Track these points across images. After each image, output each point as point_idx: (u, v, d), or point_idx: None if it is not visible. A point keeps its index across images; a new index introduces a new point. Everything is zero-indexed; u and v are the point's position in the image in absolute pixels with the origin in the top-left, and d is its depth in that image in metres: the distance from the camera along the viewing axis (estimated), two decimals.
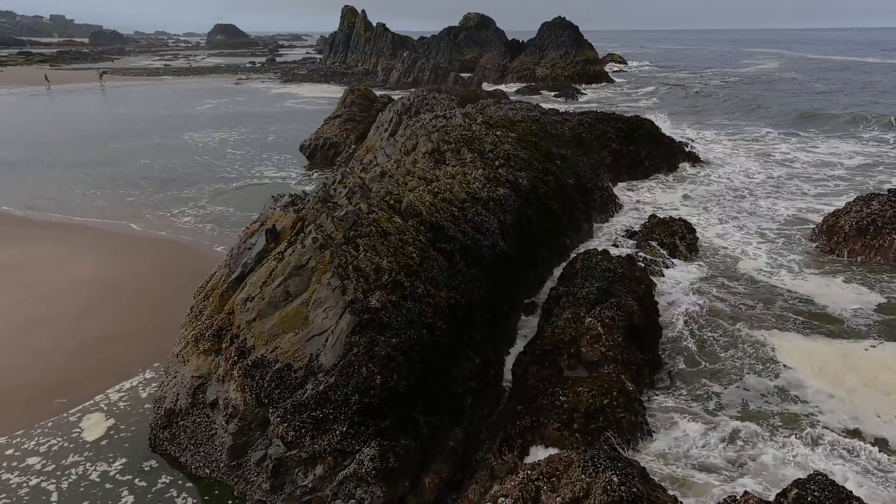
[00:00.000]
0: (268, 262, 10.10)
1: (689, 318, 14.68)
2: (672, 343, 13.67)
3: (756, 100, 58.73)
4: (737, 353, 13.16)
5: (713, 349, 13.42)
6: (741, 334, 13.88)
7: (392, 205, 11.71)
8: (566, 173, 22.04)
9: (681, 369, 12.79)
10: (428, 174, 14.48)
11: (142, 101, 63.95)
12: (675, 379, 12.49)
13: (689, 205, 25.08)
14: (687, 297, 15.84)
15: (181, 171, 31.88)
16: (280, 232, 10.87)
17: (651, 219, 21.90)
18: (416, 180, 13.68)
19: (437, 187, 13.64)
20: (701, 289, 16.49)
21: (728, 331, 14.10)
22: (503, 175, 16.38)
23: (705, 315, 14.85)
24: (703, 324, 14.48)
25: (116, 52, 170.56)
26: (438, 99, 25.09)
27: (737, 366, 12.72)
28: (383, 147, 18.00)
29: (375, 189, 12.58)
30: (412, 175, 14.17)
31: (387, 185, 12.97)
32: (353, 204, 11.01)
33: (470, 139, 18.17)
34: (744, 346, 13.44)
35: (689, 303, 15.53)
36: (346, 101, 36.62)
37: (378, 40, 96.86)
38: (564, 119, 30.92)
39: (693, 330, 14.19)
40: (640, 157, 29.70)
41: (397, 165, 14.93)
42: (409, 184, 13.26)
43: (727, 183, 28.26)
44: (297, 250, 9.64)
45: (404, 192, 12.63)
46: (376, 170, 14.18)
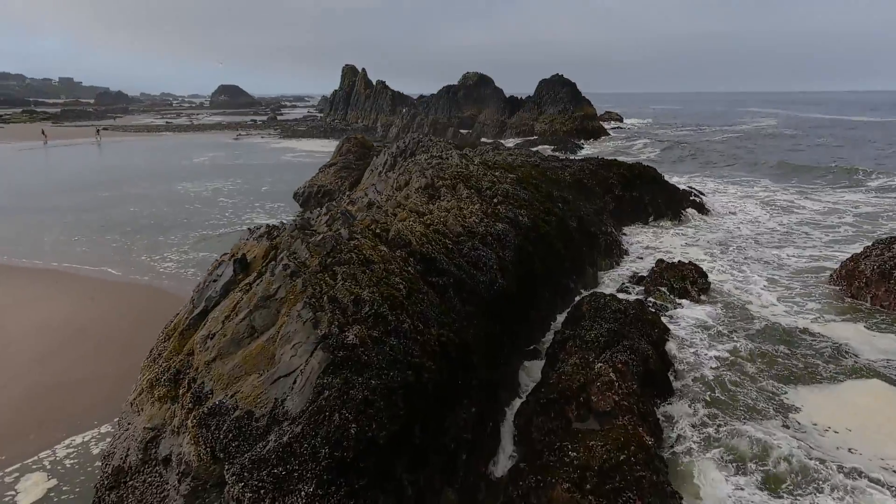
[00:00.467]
0: (233, 295, 8.82)
1: (708, 365, 13.28)
2: (691, 392, 12.23)
3: (756, 153, 58.59)
4: (765, 405, 11.71)
5: (738, 399, 11.98)
6: (767, 384, 12.47)
7: (378, 233, 10.52)
8: (568, 216, 20.98)
9: (703, 422, 11.32)
10: (420, 208, 13.36)
11: (138, 154, 63.70)
12: (697, 434, 11.01)
13: (697, 251, 23.92)
14: (704, 342, 14.46)
15: (170, 217, 30.88)
16: (251, 262, 9.63)
17: (659, 263, 20.70)
18: (406, 212, 12.54)
19: (430, 220, 12.49)
20: (719, 332, 15.13)
21: (752, 378, 12.68)
22: (502, 212, 15.27)
23: (726, 362, 13.45)
24: (723, 371, 13.07)
25: (120, 110, 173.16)
26: (434, 141, 24.30)
27: (767, 419, 11.26)
28: (374, 184, 16.99)
29: (360, 217, 11.42)
30: (403, 207, 13.04)
31: (373, 214, 11.82)
32: (333, 230, 9.82)
33: (467, 176, 17.16)
34: (772, 397, 12.00)
35: (707, 348, 14.15)
36: (341, 149, 36.00)
37: (378, 97, 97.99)
38: (565, 165, 30.14)
39: (713, 378, 12.77)
40: (643, 204, 28.74)
41: (387, 199, 13.82)
42: (398, 215, 12.11)
43: (735, 230, 27.20)
44: (266, 279, 8.39)
45: (392, 221, 11.47)
46: (363, 200, 13.05)
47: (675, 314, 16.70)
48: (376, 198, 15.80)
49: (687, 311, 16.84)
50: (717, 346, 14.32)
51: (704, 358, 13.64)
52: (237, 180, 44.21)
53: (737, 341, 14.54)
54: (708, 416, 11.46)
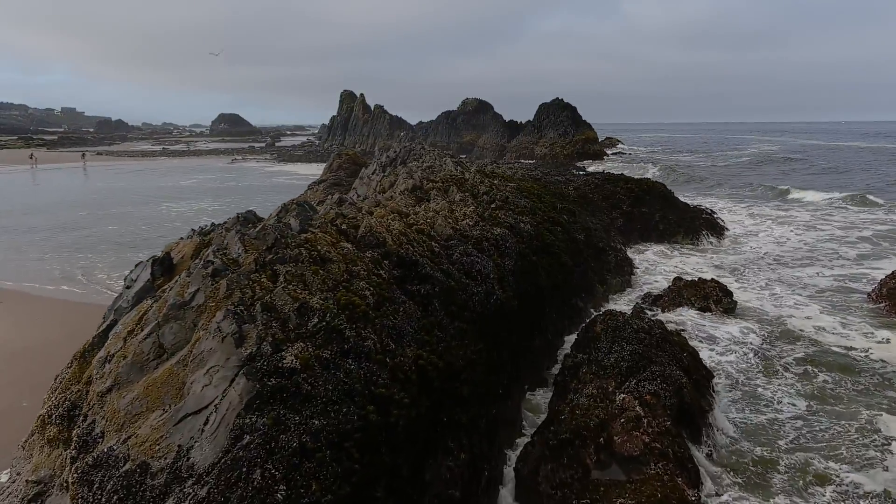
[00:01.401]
0: (143, 304, 6.68)
1: (756, 394, 11.05)
2: (735, 428, 9.99)
3: (765, 175, 56.91)
4: (838, 442, 9.45)
5: (797, 435, 9.72)
6: (841, 416, 10.21)
7: (343, 229, 8.40)
8: (575, 228, 18.89)
9: (755, 467, 9.07)
10: (404, 208, 11.27)
11: (127, 177, 61.93)
12: (748, 483, 8.76)
13: (716, 270, 21.80)
14: (744, 365, 12.25)
15: (147, 236, 28.82)
16: (177, 263, 7.51)
17: (676, 281, 18.52)
18: (386, 210, 10.43)
19: (414, 220, 10.38)
20: (762, 355, 12.92)
21: (817, 410, 10.44)
22: (501, 217, 13.17)
23: (775, 388, 11.22)
24: (772, 399, 10.84)
25: (119, 138, 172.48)
26: (427, 150, 22.35)
27: (842, 460, 9.00)
28: (355, 188, 14.94)
29: (323, 210, 9.32)
30: (382, 206, 10.95)
31: (342, 209, 9.72)
32: (283, 222, 7.72)
33: (461, 180, 15.11)
34: (847, 430, 9.74)
35: (751, 372, 11.94)
36: (332, 165, 34.14)
37: (376, 122, 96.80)
38: (568, 180, 28.18)
39: (764, 407, 10.54)
40: (653, 220, 26.67)
41: (364, 199, 11.74)
42: (375, 213, 10.00)
43: (754, 249, 25.08)
44: (180, 281, 6.26)
45: (364, 217, 9.36)
46: (334, 197, 10.96)
47: (703, 333, 14.53)
48: (356, 200, 13.73)
49: (715, 331, 14.65)
50: (763, 370, 12.11)
51: (749, 385, 11.43)
52: (225, 200, 42.30)
53: (787, 366, 12.31)
54: (758, 458, 9.21)
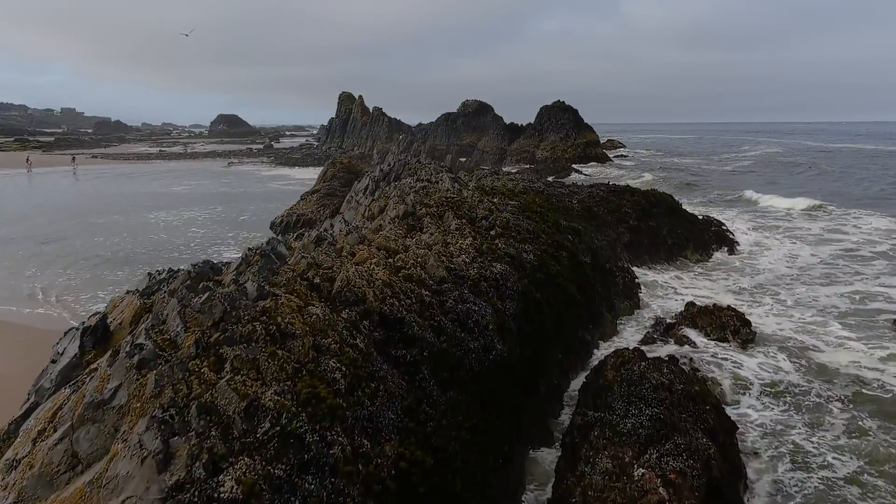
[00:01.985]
0: (60, 393, 5.43)
1: (793, 453, 9.79)
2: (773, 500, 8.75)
3: (772, 180, 55.75)
4: None
5: None
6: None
7: (316, 284, 7.17)
8: (580, 249, 17.64)
9: None
10: (392, 244, 10.02)
11: (120, 181, 60.65)
12: None
13: (728, 290, 20.58)
14: (776, 416, 11.00)
15: (130, 250, 27.55)
16: (114, 331, 6.27)
17: (689, 307, 17.28)
18: (369, 250, 9.18)
19: (403, 260, 9.14)
20: (791, 396, 11.68)
21: (869, 472, 9.19)
22: (501, 247, 11.91)
23: (818, 443, 9.96)
24: (817, 458, 9.58)
25: (117, 139, 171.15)
26: (424, 164, 21.09)
27: None
28: (343, 213, 13.69)
29: (294, 259, 8.05)
30: (367, 243, 9.70)
31: (316, 254, 8.46)
32: (239, 283, 6.48)
33: (457, 203, 13.86)
34: None
35: (783, 423, 10.69)
36: (325, 175, 32.89)
37: (374, 124, 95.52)
38: (572, 191, 26.90)
39: (808, 471, 9.28)
40: (661, 235, 25.40)
41: (347, 233, 10.47)
42: (357, 254, 8.76)
43: (767, 265, 23.82)
44: (100, 371, 5.02)
45: (343, 265, 8.10)
46: (310, 235, 9.70)
47: (725, 371, 13.30)
48: (341, 230, 12.48)
49: (742, 369, 13.41)
50: (801, 418, 10.84)
51: (786, 440, 10.17)
52: (217, 208, 41.03)
53: (828, 412, 11.05)
54: None
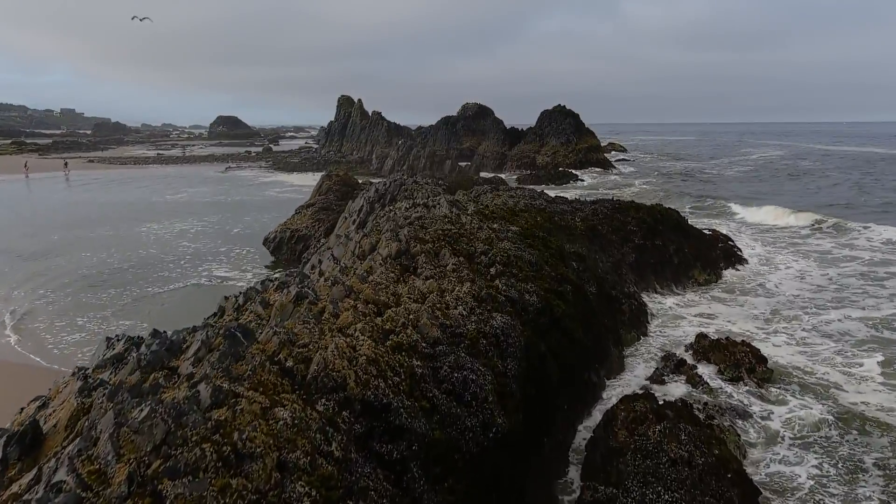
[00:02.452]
0: None
1: None
2: None
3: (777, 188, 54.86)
4: None
5: None
6: None
7: (288, 368, 6.25)
8: (585, 278, 16.70)
9: None
10: (382, 294, 9.08)
11: (114, 189, 59.67)
12: None
13: (740, 316, 19.65)
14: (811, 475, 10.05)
15: (116, 267, 26.62)
16: (47, 434, 5.34)
17: (700, 340, 16.36)
18: (355, 311, 8.24)
19: (392, 319, 8.20)
20: (820, 452, 10.74)
21: None
22: (502, 289, 10.98)
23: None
24: None
25: (115, 142, 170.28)
26: (420, 184, 20.15)
27: None
28: (331, 249, 12.74)
29: (265, 335, 7.10)
30: (355, 297, 8.77)
31: (296, 320, 7.52)
32: (191, 379, 5.53)
33: (455, 236, 12.93)
34: None
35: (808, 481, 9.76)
36: (321, 188, 31.96)
37: (373, 128, 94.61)
38: (575, 208, 25.94)
39: None
40: (668, 254, 24.47)
41: (332, 283, 9.51)
42: (340, 316, 7.83)
43: (778, 287, 22.87)
44: None
45: (321, 340, 7.15)
46: (289, 292, 8.74)
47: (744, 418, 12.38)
48: (330, 269, 11.55)
49: (771, 421, 12.47)
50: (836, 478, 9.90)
51: None
52: (211, 219, 40.09)
53: (864, 470, 10.10)
54: None
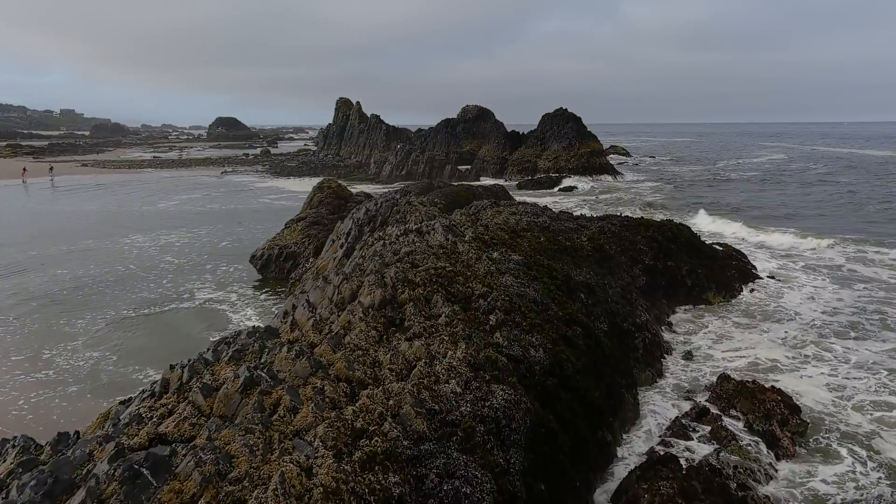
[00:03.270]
0: None
1: None
2: None
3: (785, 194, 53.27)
4: None
5: None
6: None
7: None
8: (596, 313, 15.11)
9: None
10: (357, 367, 7.49)
11: (104, 196, 57.94)
12: None
13: (762, 346, 18.05)
14: None
15: (93, 286, 25.01)
16: None
17: (723, 383, 14.73)
18: (319, 401, 6.64)
19: (367, 410, 6.60)
20: None
21: None
22: (503, 345, 9.39)
23: None
24: None
25: (112, 144, 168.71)
26: (414, 205, 18.52)
27: None
28: (307, 293, 11.14)
29: (184, 466, 5.49)
30: (324, 373, 7.17)
31: (239, 427, 5.93)
32: None
33: (450, 276, 11.33)
34: None
35: None
36: (312, 200, 30.35)
37: (372, 132, 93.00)
38: (580, 226, 24.36)
39: None
40: (680, 276, 22.88)
41: (297, 355, 7.90)
42: (299, 413, 6.24)
43: (800, 310, 21.22)
44: None
45: (263, 466, 5.54)
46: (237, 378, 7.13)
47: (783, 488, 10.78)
48: (304, 318, 9.95)
49: (800, 480, 10.87)
50: None
51: None
52: (200, 231, 38.49)
53: None
54: None
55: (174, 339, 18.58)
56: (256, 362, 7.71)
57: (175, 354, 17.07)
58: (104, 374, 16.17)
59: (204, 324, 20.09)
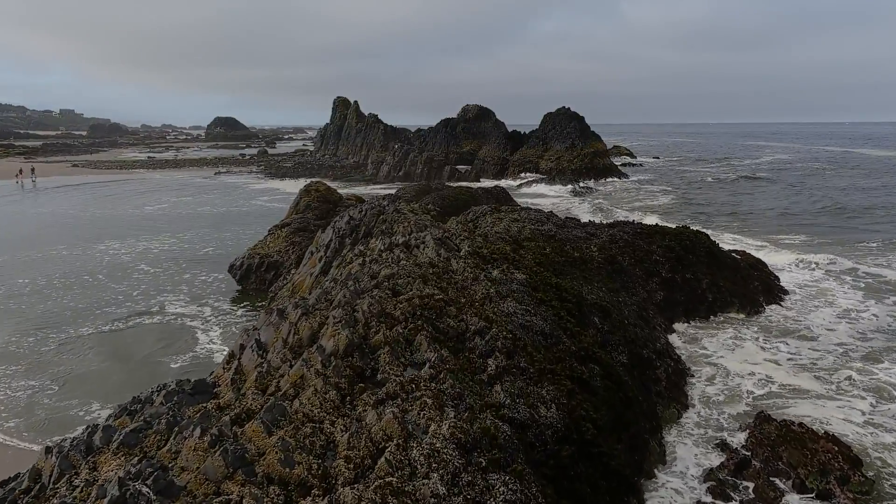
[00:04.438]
0: None
1: None
2: None
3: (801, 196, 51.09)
4: None
5: None
6: None
7: None
8: (613, 342, 12.90)
9: None
10: (300, 461, 5.33)
11: (87, 198, 55.53)
12: None
13: (794, 369, 15.93)
14: None
15: (55, 301, 22.80)
16: None
17: (763, 424, 12.50)
18: None
19: None
20: None
21: None
22: (505, 405, 7.21)
23: None
24: None
25: (108, 144, 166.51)
26: (404, 213, 16.30)
27: None
28: (259, 331, 8.95)
29: None
30: (244, 477, 5.02)
31: None
32: None
33: (440, 306, 9.14)
34: None
35: None
36: (298, 204, 28.15)
37: (369, 132, 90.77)
38: (589, 234, 22.16)
39: None
40: (700, 289, 20.69)
41: (212, 448, 5.75)
42: None
43: (834, 329, 18.99)
44: None
45: None
46: (111, 496, 4.95)
47: None
48: (252, 364, 7.80)
49: None
50: None
51: None
52: (184, 236, 36.29)
53: None
54: None
55: (129, 365, 16.39)
56: (152, 456, 5.56)
57: (126, 385, 14.90)
58: (41, 409, 13.96)
59: (167, 345, 17.91)
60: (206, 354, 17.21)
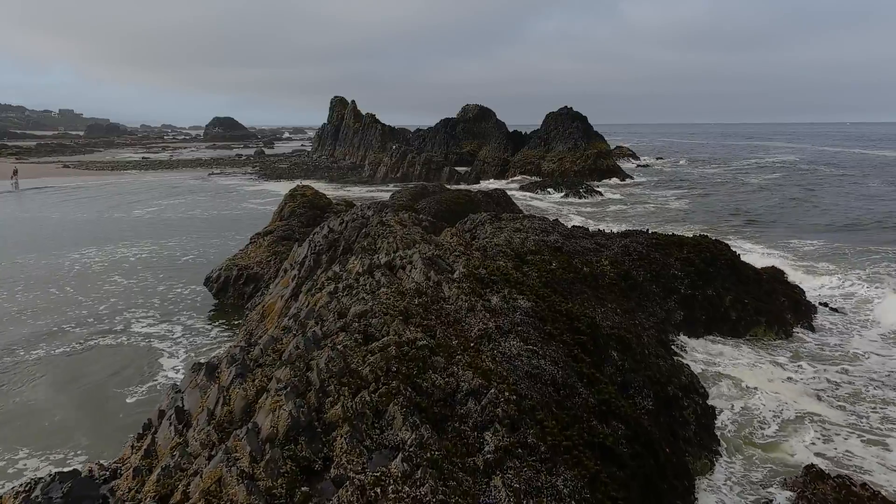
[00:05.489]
0: None
1: None
2: None
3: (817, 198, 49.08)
4: None
5: None
6: None
7: None
8: (636, 385, 10.83)
9: None
10: None
11: (73, 201, 53.38)
12: None
13: (835, 402, 13.91)
14: None
15: (14, 315, 20.76)
16: None
17: (814, 481, 10.43)
18: None
19: None
20: None
21: None
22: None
23: None
24: None
25: (104, 144, 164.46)
26: (390, 226, 14.22)
27: None
28: (182, 394, 6.85)
29: None
30: None
31: None
32: None
33: (423, 358, 7.10)
34: None
35: None
36: (283, 210, 26.12)
37: (367, 132, 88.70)
38: (599, 245, 20.13)
39: None
40: (723, 308, 18.64)
41: None
42: None
43: (877, 353, 16.99)
44: None
45: None
46: None
47: None
48: (166, 444, 5.79)
49: None
50: None
51: None
52: (167, 242, 34.23)
53: None
54: None
55: (77, 398, 14.33)
56: None
57: (65, 426, 12.89)
58: None
59: (124, 372, 15.86)
60: (168, 385, 15.20)
